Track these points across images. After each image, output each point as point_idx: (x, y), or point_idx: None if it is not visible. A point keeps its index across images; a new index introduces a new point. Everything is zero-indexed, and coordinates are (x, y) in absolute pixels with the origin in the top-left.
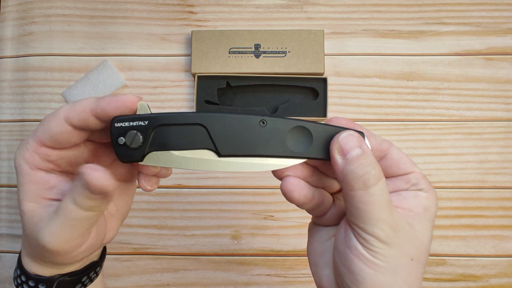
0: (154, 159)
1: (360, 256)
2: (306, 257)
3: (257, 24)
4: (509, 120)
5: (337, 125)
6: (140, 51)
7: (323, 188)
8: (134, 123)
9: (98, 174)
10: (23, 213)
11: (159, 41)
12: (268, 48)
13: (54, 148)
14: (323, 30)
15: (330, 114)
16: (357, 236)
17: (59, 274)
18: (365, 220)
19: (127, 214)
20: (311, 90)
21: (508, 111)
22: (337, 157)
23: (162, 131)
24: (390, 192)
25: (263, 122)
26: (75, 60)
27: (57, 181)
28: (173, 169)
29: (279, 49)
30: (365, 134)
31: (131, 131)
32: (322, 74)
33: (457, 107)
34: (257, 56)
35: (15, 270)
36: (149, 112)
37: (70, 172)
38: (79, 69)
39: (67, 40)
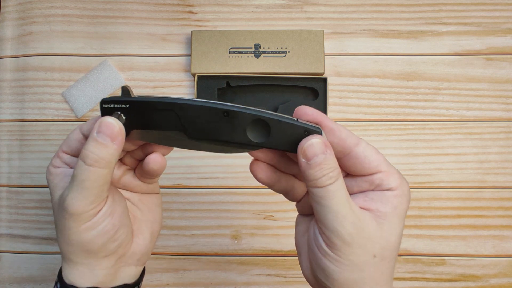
0: (137, 135)
1: (325, 255)
2: None
3: (257, 24)
4: (509, 120)
5: (302, 115)
6: (140, 51)
7: (293, 175)
8: (118, 106)
9: (110, 117)
10: (54, 205)
11: (159, 41)
12: (268, 48)
13: (70, 154)
14: (323, 30)
15: (330, 114)
16: (322, 234)
17: (91, 287)
18: (326, 216)
19: (157, 226)
20: (311, 90)
21: (508, 111)
22: (302, 160)
23: (141, 113)
24: (356, 193)
25: (226, 113)
26: (75, 60)
27: None
28: (173, 169)
29: (279, 49)
30: (333, 127)
31: (116, 112)
32: (322, 74)
33: (457, 107)
34: (257, 56)
35: (55, 284)
36: (131, 95)
37: None
38: (79, 69)
39: (67, 40)
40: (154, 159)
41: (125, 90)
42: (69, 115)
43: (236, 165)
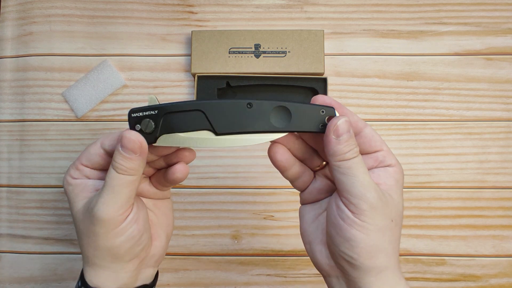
0: (165, 140)
1: (353, 224)
2: (306, 257)
3: (257, 24)
4: (509, 120)
5: (321, 103)
6: (140, 51)
7: (304, 162)
8: (147, 113)
9: (132, 132)
10: (77, 213)
11: (159, 41)
12: (268, 48)
13: (90, 167)
14: (323, 30)
15: None
16: (348, 204)
17: None
18: (354, 184)
19: (171, 228)
20: (311, 90)
21: (508, 111)
22: (332, 137)
23: (169, 118)
24: None
25: (250, 105)
26: (75, 60)
27: (95, 182)
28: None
29: (279, 49)
30: (347, 113)
31: (145, 119)
32: (322, 74)
33: (457, 107)
34: (257, 56)
35: (77, 282)
36: (158, 103)
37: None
38: (79, 69)
39: (67, 40)
40: (180, 169)
41: (152, 99)
42: (69, 115)
43: (236, 165)
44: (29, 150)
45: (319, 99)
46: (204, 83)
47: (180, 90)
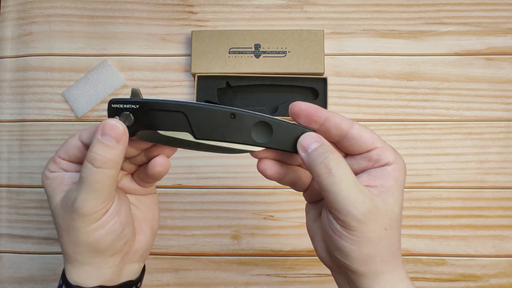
0: (143, 136)
1: (342, 236)
2: (306, 257)
3: (257, 24)
4: (509, 120)
5: (298, 111)
6: (140, 51)
7: (301, 165)
8: (128, 106)
9: (113, 119)
10: (55, 208)
11: (159, 41)
12: (268, 48)
13: (67, 160)
14: (323, 30)
15: None
16: (337, 219)
17: (98, 286)
18: (338, 202)
19: (156, 223)
20: (311, 90)
21: (508, 111)
22: (302, 154)
23: (150, 114)
24: (359, 173)
25: (233, 115)
26: (75, 60)
27: (72, 174)
28: (173, 169)
29: (279, 49)
30: (327, 115)
31: (125, 112)
32: (322, 74)
33: (457, 107)
34: (257, 56)
35: (59, 281)
36: (141, 97)
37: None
38: (79, 69)
39: (67, 40)
40: (160, 162)
41: (135, 91)
42: (69, 115)
43: (236, 165)
44: (29, 150)
45: (295, 107)
46: (204, 83)
47: (180, 90)
